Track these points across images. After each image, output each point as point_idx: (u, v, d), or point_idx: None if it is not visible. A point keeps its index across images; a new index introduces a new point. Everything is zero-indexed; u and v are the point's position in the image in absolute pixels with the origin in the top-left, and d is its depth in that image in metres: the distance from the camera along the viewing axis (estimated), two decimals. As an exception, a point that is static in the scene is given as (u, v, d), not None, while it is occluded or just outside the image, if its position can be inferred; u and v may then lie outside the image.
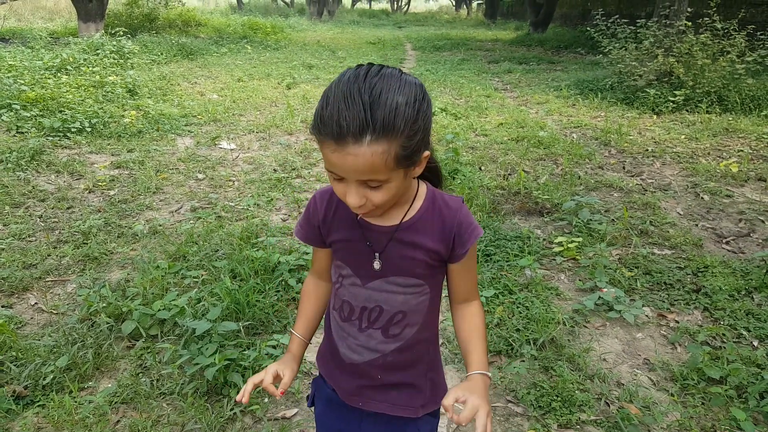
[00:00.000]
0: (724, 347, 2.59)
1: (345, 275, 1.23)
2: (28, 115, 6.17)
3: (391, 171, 0.99)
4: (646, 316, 2.91)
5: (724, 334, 2.70)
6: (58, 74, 8.21)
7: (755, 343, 2.66)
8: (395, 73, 1.00)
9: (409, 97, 0.97)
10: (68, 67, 8.62)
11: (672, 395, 2.33)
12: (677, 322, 2.86)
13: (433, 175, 1.26)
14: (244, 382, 2.23)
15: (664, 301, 3.03)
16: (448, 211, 1.18)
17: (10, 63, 8.44)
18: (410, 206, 1.17)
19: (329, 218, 1.23)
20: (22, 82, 7.16)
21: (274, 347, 2.50)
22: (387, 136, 0.94)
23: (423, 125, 1.00)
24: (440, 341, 2.68)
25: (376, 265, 1.18)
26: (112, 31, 11.91)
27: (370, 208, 1.05)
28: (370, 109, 0.93)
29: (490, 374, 1.17)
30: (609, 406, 2.27)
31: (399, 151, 0.97)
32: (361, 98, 0.93)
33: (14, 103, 6.34)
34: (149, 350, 2.50)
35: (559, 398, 2.27)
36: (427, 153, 1.06)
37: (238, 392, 2.23)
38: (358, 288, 1.21)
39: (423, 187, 1.20)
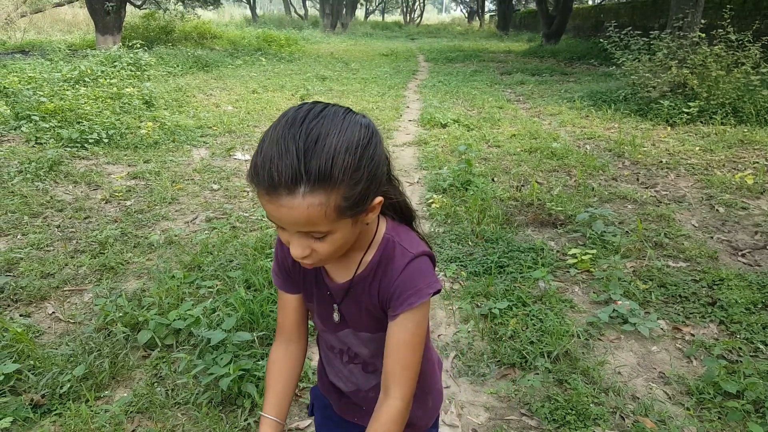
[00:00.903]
0: (741, 361, 2.57)
1: (317, 322, 1.21)
2: (47, 126, 6.27)
3: (334, 222, 0.89)
4: (661, 329, 2.89)
5: (740, 348, 2.67)
6: (77, 86, 8.34)
7: (772, 357, 2.63)
8: (339, 113, 0.89)
9: (351, 142, 0.86)
10: (86, 79, 8.76)
11: (688, 409, 2.31)
12: (693, 335, 2.83)
13: (399, 212, 1.13)
14: (258, 392, 2.26)
15: (679, 314, 3.01)
16: (394, 265, 1.04)
17: (30, 75, 8.61)
18: (365, 253, 1.07)
19: (297, 264, 1.13)
20: (42, 93, 7.29)
21: (288, 358, 2.51)
22: (324, 188, 0.84)
23: (368, 172, 0.89)
24: (453, 353, 2.69)
25: (336, 317, 1.13)
26: (129, 44, 12.11)
27: (315, 259, 0.96)
28: (303, 158, 0.83)
29: None
30: (624, 420, 2.26)
31: (340, 202, 0.87)
32: (296, 145, 0.83)
33: (33, 115, 6.45)
34: (164, 360, 2.53)
35: (573, 411, 2.26)
36: (379, 199, 0.95)
37: (252, 402, 2.25)
38: (330, 334, 1.20)
39: (381, 230, 1.07)
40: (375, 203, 0.95)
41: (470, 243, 3.90)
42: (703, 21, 9.13)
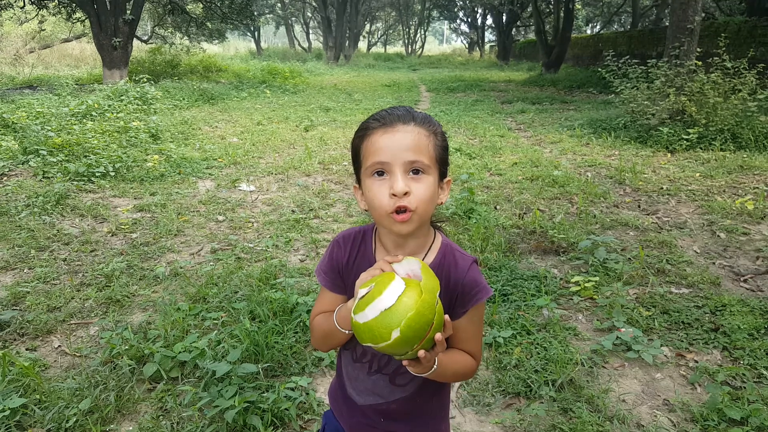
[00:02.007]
0: (745, 387, 2.56)
1: None
2: (55, 160, 6.36)
3: (432, 161, 1.12)
4: (665, 356, 2.90)
5: (744, 374, 2.67)
6: (84, 120, 8.48)
7: (777, 384, 2.63)
8: None
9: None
10: (93, 113, 8.90)
11: (693, 437, 2.30)
12: (696, 361, 2.84)
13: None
14: (264, 424, 2.27)
15: (682, 341, 3.02)
16: (455, 269, 1.20)
17: (38, 110, 8.76)
18: (425, 255, 1.21)
19: (352, 261, 1.25)
20: (49, 128, 7.41)
21: (292, 389, 2.52)
22: (426, 127, 1.13)
23: (445, 141, 1.18)
24: (458, 384, 2.69)
25: None
26: (136, 78, 12.31)
27: (415, 203, 1.09)
28: (411, 111, 1.14)
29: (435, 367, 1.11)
30: (629, 448, 2.25)
31: (437, 143, 1.14)
32: (402, 107, 1.16)
33: (41, 149, 6.55)
34: (170, 393, 2.54)
35: (578, 440, 2.26)
36: (449, 179, 1.20)
37: (257, 434, 2.26)
38: None
39: (438, 238, 1.24)
40: (447, 180, 1.20)
41: (473, 272, 3.92)
42: (699, 49, 9.28)
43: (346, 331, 1.15)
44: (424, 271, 1.05)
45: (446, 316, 1.04)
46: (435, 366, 1.08)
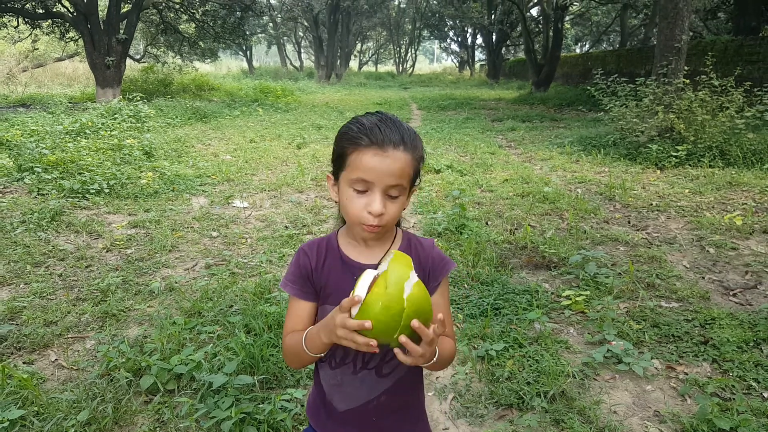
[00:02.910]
0: (734, 398, 2.61)
1: None
2: (49, 177, 6.39)
3: (408, 183, 1.22)
4: (656, 368, 2.94)
5: (733, 386, 2.72)
6: (78, 138, 8.51)
7: (765, 395, 2.68)
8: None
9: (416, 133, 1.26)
10: (87, 131, 8.95)
11: (683, 446, 2.34)
12: (686, 374, 2.88)
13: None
14: (261, 434, 2.28)
15: (672, 354, 3.07)
16: (422, 249, 1.34)
17: (32, 128, 8.80)
18: (390, 246, 1.32)
19: (320, 266, 1.31)
20: (44, 145, 7.44)
21: (288, 401, 2.55)
22: (412, 151, 1.20)
23: (422, 155, 1.26)
24: (451, 395, 2.73)
25: None
26: (129, 96, 12.36)
27: (386, 220, 1.20)
28: (403, 133, 1.20)
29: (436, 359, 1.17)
30: (620, 457, 2.29)
31: (415, 165, 1.22)
32: (393, 123, 1.20)
33: (36, 166, 6.58)
34: (167, 404, 2.56)
35: (570, 450, 2.29)
36: (415, 187, 1.29)
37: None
38: None
39: (399, 231, 1.37)
40: (415, 188, 1.29)
41: (466, 286, 3.97)
42: (686, 68, 9.46)
43: (314, 355, 1.21)
44: (392, 261, 1.08)
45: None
46: (437, 355, 1.15)
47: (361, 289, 1.06)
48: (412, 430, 1.39)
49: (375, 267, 1.22)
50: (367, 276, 1.09)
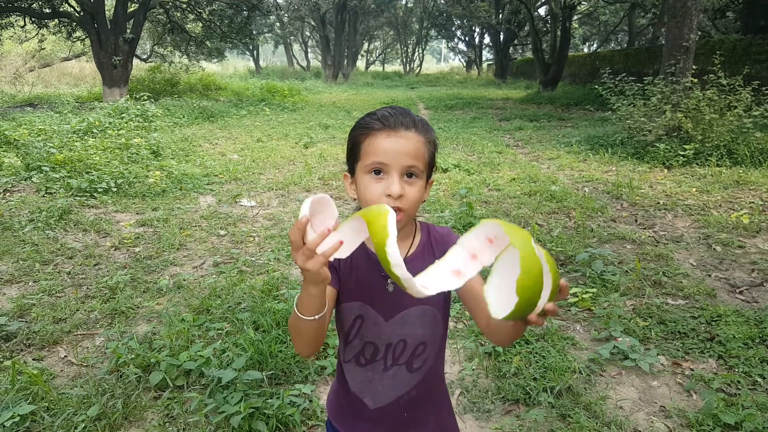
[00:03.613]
0: (739, 394, 2.62)
1: (365, 315, 1.28)
2: (57, 176, 6.43)
3: (424, 166, 1.21)
4: (661, 364, 2.95)
5: (738, 381, 2.73)
6: (85, 137, 8.57)
7: (772, 391, 2.68)
8: None
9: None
10: (94, 131, 9.00)
11: (689, 442, 2.35)
12: (692, 370, 2.89)
13: None
14: (269, 429, 2.31)
15: (678, 350, 3.07)
16: (446, 237, 1.33)
17: (39, 127, 8.85)
18: (414, 238, 1.31)
19: (347, 260, 1.23)
20: (51, 145, 7.50)
21: (296, 396, 2.57)
22: (424, 134, 1.22)
23: (436, 149, 1.27)
24: (459, 391, 2.74)
25: (389, 287, 1.26)
26: (136, 96, 12.42)
27: (406, 204, 1.18)
28: (410, 116, 1.22)
29: None
30: (627, 453, 2.30)
31: (431, 150, 1.23)
32: (404, 110, 1.23)
33: (44, 165, 6.63)
34: (176, 400, 2.58)
35: (576, 445, 2.30)
36: (432, 180, 1.29)
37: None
38: (381, 325, 1.28)
39: (418, 224, 1.35)
40: (431, 181, 1.28)
41: (472, 284, 3.97)
42: (694, 67, 9.42)
43: (308, 317, 1.09)
44: (508, 229, 0.94)
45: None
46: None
47: (304, 209, 0.97)
48: (441, 419, 1.40)
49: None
50: (307, 202, 0.98)
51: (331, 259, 1.00)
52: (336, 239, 0.98)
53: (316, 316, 1.09)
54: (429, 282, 1.00)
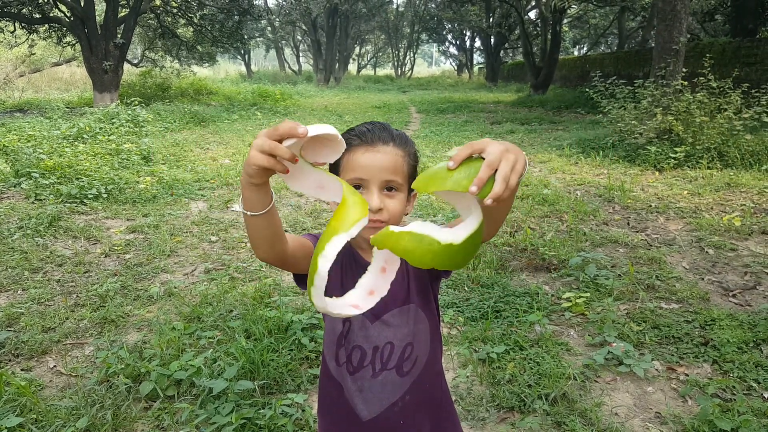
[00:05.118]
0: (735, 399, 2.61)
1: (353, 318, 1.27)
2: (47, 182, 6.37)
3: (403, 179, 1.22)
4: (656, 369, 2.94)
5: (734, 386, 2.72)
6: (75, 143, 8.50)
7: (766, 395, 2.67)
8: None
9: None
10: (85, 136, 8.93)
11: (685, 448, 2.33)
12: (687, 375, 2.88)
13: None
14: (261, 440, 2.27)
15: (673, 355, 3.06)
16: None
17: (29, 133, 8.77)
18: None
19: (337, 262, 1.24)
20: (41, 150, 7.43)
21: (289, 406, 2.53)
22: (403, 147, 1.23)
23: (417, 161, 1.28)
24: (453, 398, 2.71)
25: None
26: (127, 101, 12.35)
27: (386, 216, 1.20)
28: (388, 131, 1.24)
29: None
30: (622, 460, 2.28)
31: (410, 163, 1.24)
32: (382, 125, 1.25)
33: (33, 172, 6.57)
34: (166, 410, 2.55)
35: (572, 453, 2.28)
36: (415, 193, 1.27)
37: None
38: (368, 328, 1.27)
39: None
40: (414, 194, 1.29)
41: (466, 288, 3.96)
42: (684, 69, 9.46)
43: (254, 212, 1.02)
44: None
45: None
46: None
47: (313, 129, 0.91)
48: (440, 427, 1.36)
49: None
50: (323, 128, 0.95)
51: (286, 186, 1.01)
52: (300, 163, 0.93)
53: (263, 211, 1.02)
54: (331, 302, 0.98)
